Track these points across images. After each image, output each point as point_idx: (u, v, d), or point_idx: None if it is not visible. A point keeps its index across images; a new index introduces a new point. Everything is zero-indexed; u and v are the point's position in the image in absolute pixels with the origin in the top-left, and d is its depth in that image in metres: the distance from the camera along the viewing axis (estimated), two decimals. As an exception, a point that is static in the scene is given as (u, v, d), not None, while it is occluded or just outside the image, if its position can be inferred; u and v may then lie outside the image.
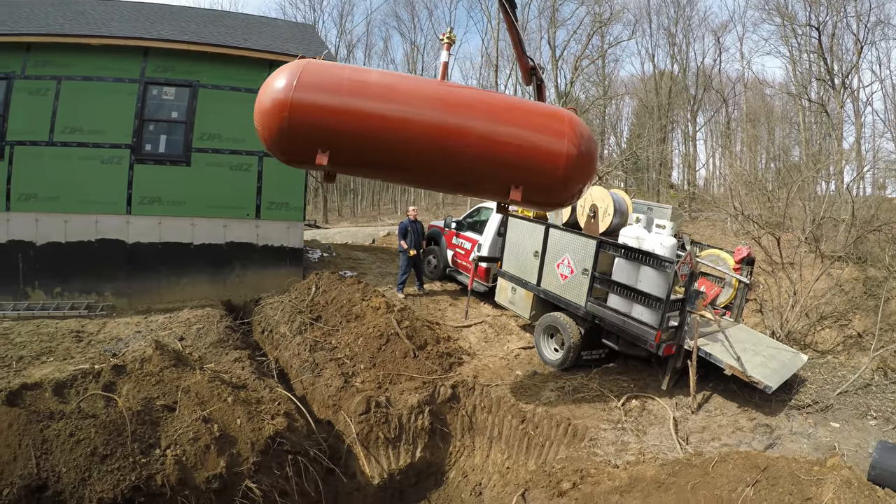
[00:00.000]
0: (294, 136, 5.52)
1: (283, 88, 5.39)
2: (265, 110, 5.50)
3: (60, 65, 12.03)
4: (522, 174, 5.84)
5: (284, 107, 5.36)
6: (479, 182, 6.22)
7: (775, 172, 26.39)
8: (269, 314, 11.17)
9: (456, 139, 5.68)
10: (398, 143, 5.63)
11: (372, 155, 5.76)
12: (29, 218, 12.12)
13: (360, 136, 5.55)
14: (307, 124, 5.45)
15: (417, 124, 5.59)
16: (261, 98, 5.57)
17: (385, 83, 5.79)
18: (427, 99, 5.74)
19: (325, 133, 5.50)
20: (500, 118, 5.84)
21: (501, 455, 8.32)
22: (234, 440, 6.72)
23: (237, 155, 12.93)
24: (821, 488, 5.05)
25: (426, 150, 5.69)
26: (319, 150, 5.51)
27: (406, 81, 6.30)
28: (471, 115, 5.76)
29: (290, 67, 5.54)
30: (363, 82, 5.65)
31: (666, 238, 8.60)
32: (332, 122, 5.47)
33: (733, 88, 34.44)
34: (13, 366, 8.92)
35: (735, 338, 8.73)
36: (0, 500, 5.27)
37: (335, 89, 5.51)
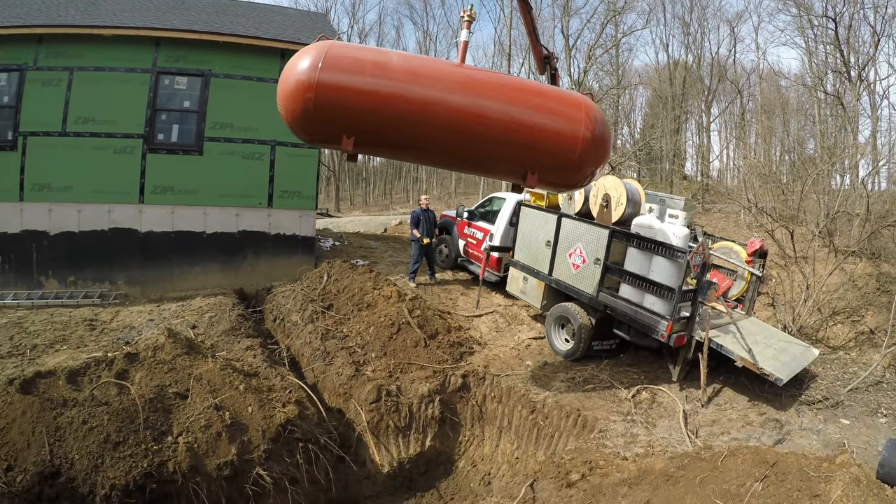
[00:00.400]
0: (319, 117, 5.54)
1: (308, 69, 5.37)
2: (290, 90, 5.48)
3: (72, 56, 12.07)
4: (539, 156, 6.00)
5: (310, 87, 5.35)
6: (496, 163, 6.34)
7: (790, 165, 26.12)
8: (281, 302, 11.22)
9: (477, 121, 5.76)
10: (421, 125, 5.71)
11: (394, 135, 5.84)
12: (42, 208, 12.22)
13: (385, 117, 5.61)
14: (333, 105, 5.47)
15: (440, 106, 5.67)
16: (285, 78, 5.55)
17: (408, 65, 5.81)
18: (449, 81, 5.82)
19: (350, 114, 5.54)
20: (520, 101, 5.92)
21: (511, 445, 8.34)
22: (245, 428, 6.77)
23: (249, 144, 12.96)
24: (829, 485, 5.01)
25: (448, 131, 5.78)
26: (345, 136, 5.60)
27: (428, 63, 6.33)
28: (491, 98, 5.84)
29: (315, 48, 5.52)
30: (387, 64, 5.66)
31: (679, 228, 8.54)
32: (356, 103, 5.50)
33: (748, 79, 34.16)
34: (27, 354, 9.01)
35: (746, 330, 8.66)
36: (15, 486, 5.33)
37: (360, 70, 5.52)
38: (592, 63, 28.94)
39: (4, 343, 9.35)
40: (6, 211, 12.11)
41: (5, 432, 5.75)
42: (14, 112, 11.97)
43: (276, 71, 12.79)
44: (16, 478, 5.43)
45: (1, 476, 5.40)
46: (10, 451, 5.62)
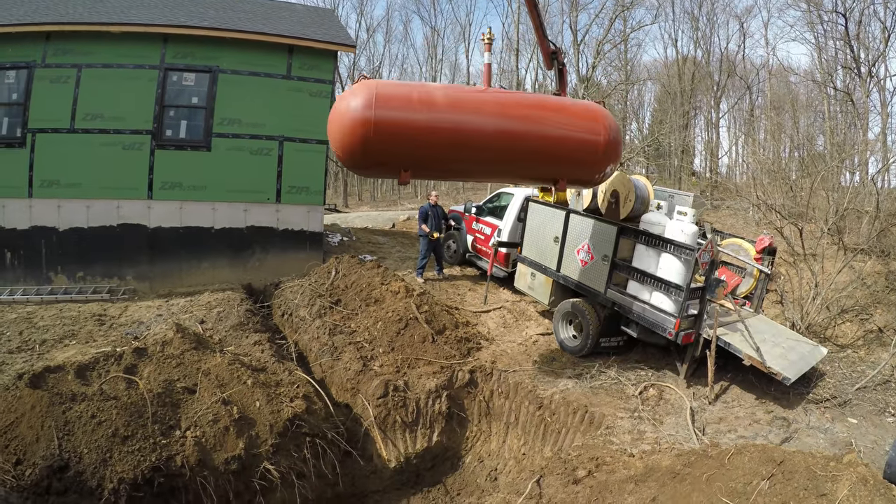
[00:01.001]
0: (376, 153, 6.05)
1: (363, 108, 5.82)
2: (346, 130, 5.90)
3: (80, 53, 12.12)
4: (569, 164, 7.15)
5: (368, 125, 5.81)
6: (533, 173, 7.43)
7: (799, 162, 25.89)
8: (289, 298, 11.25)
9: (518, 141, 6.65)
10: (468, 150, 6.48)
11: (445, 162, 6.67)
12: (51, 204, 12.29)
13: (436, 146, 6.27)
14: (388, 141, 5.98)
15: (485, 132, 6.45)
16: (340, 119, 5.97)
17: (450, 97, 6.51)
18: (490, 108, 6.60)
19: (406, 147, 6.14)
20: (552, 121, 6.94)
21: (518, 441, 8.35)
22: (252, 422, 6.82)
23: (257, 140, 12.99)
24: (836, 485, 4.99)
25: (493, 152, 6.64)
26: (402, 169, 6.26)
27: (467, 93, 7.08)
28: (529, 120, 6.77)
29: (364, 88, 5.97)
30: (431, 98, 6.27)
31: (687, 225, 8.50)
32: (411, 137, 6.08)
33: (757, 75, 33.94)
34: (36, 349, 9.07)
35: (754, 328, 8.63)
36: (24, 479, 5.38)
37: (410, 107, 6.07)
38: (601, 58, 28.85)
39: (14, 338, 9.42)
40: (15, 207, 12.19)
41: (14, 426, 5.82)
42: (23, 109, 12.04)
43: (283, 67, 12.87)
44: (25, 471, 5.49)
45: (10, 470, 5.47)
46: (20, 445, 5.69)
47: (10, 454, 5.60)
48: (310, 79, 13.17)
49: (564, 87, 8.50)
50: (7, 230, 12.22)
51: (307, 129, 13.17)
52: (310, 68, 13.17)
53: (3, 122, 12.19)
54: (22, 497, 5.27)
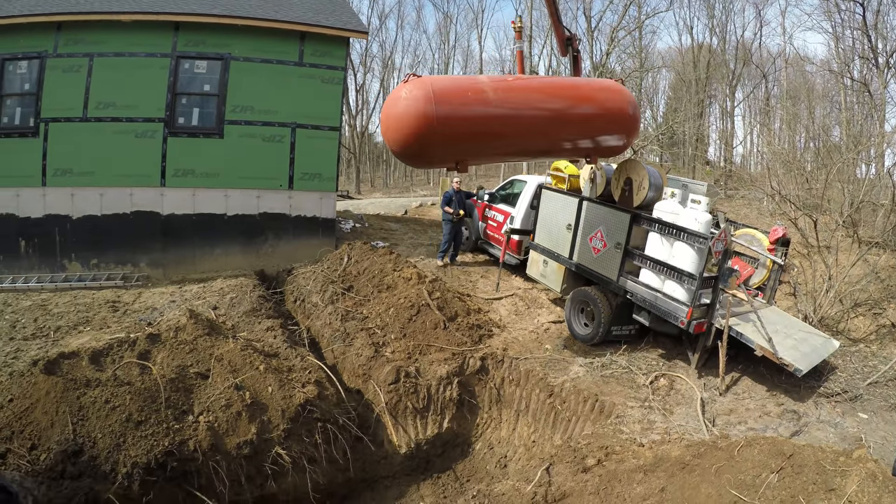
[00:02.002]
0: (440, 146, 6.34)
1: (423, 104, 5.99)
2: (408, 127, 6.08)
3: (92, 42, 12.18)
4: (604, 136, 7.97)
5: (430, 120, 5.98)
6: (571, 149, 8.13)
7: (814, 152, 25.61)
8: (302, 284, 11.30)
9: (561, 121, 7.36)
10: (518, 135, 6.98)
11: (497, 148, 7.21)
12: (65, 192, 12.40)
13: (490, 135, 6.73)
14: (450, 134, 6.23)
15: (534, 117, 7.00)
16: (399, 115, 6.12)
17: (498, 87, 6.84)
18: (535, 94, 7.22)
19: (464, 138, 6.48)
20: (589, 99, 7.76)
21: (528, 428, 8.36)
22: (265, 407, 6.86)
23: (270, 126, 13.01)
24: (845, 480, 4.97)
25: (540, 135, 7.26)
26: (459, 159, 6.57)
27: (512, 83, 7.31)
28: (569, 100, 7.50)
29: (420, 85, 6.14)
30: (482, 90, 6.59)
31: (701, 214, 8.43)
32: (468, 129, 6.43)
33: (773, 64, 33.57)
34: (51, 335, 9.17)
35: (767, 319, 8.55)
36: (38, 464, 5.45)
37: (464, 100, 6.38)
38: (615, 45, 28.46)
39: (29, 325, 9.53)
40: (29, 196, 12.32)
41: (29, 412, 5.89)
42: (35, 99, 12.16)
43: (295, 53, 12.88)
44: (40, 456, 5.55)
45: (25, 454, 5.53)
46: (34, 430, 5.76)
47: (25, 439, 5.67)
48: (322, 65, 13.17)
49: (579, 74, 8.48)
50: (21, 218, 12.37)
51: (320, 116, 13.19)
52: (322, 55, 13.16)
53: (16, 112, 12.32)
54: (37, 481, 5.32)
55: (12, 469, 5.36)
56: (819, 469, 5.19)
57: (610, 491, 6.01)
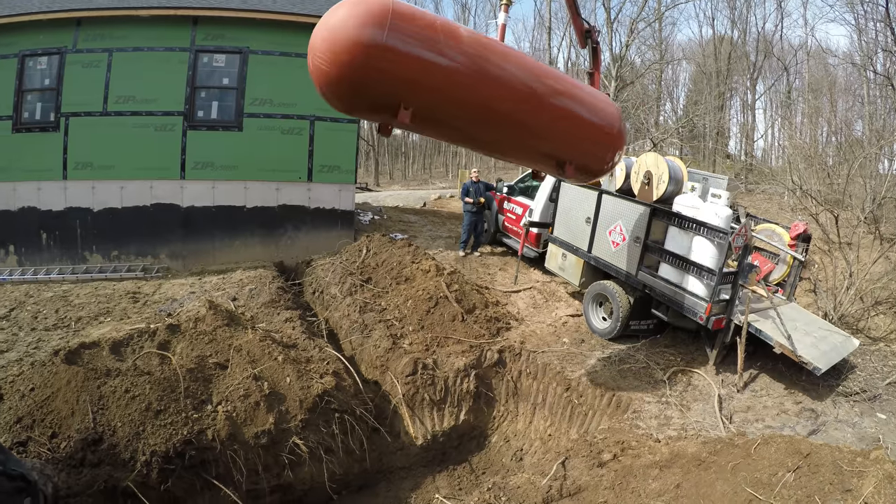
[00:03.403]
0: (377, 85, 4.73)
1: (372, 25, 4.48)
2: (343, 49, 4.51)
3: (111, 37, 12.33)
4: (585, 145, 6.45)
5: (375, 49, 4.49)
6: (542, 150, 6.35)
7: (836, 147, 25.25)
8: (320, 275, 11.36)
9: (542, 106, 5.77)
10: (485, 111, 5.39)
11: (451, 117, 5.44)
12: (86, 185, 12.59)
13: (449, 93, 5.08)
14: (396, 74, 4.69)
15: (510, 88, 5.42)
16: (334, 33, 4.58)
17: (476, 37, 5.31)
18: (515, 62, 5.59)
19: (413, 86, 4.84)
20: (575, 92, 6.25)
21: (544, 422, 8.35)
22: (283, 398, 6.90)
23: (289, 119, 13.07)
24: (862, 481, 4.90)
25: (513, 119, 5.62)
26: (402, 106, 4.86)
27: (492, 41, 5.64)
28: (556, 89, 5.92)
29: (376, 1, 4.63)
30: (456, 33, 5.05)
31: (721, 208, 8.36)
32: (422, 74, 4.83)
33: (795, 56, 33.07)
34: (72, 326, 9.32)
35: (786, 316, 8.45)
36: (59, 452, 5.52)
37: (430, 36, 4.82)
38: (635, 37, 28.14)
39: (50, 316, 9.69)
40: (50, 189, 12.53)
41: (50, 401, 5.97)
42: (56, 94, 12.35)
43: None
44: (60, 444, 5.62)
45: (46, 442, 5.60)
46: (55, 418, 5.84)
47: (45, 427, 5.76)
48: (341, 58, 13.13)
49: (598, 66, 8.37)
50: (43, 211, 12.60)
51: (338, 109, 13.17)
52: (341, 48, 13.12)
53: (36, 107, 12.54)
54: (57, 468, 5.40)
55: (33, 457, 5.46)
56: (836, 469, 5.13)
57: (625, 486, 5.99)
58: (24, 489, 3.13)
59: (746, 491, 5.20)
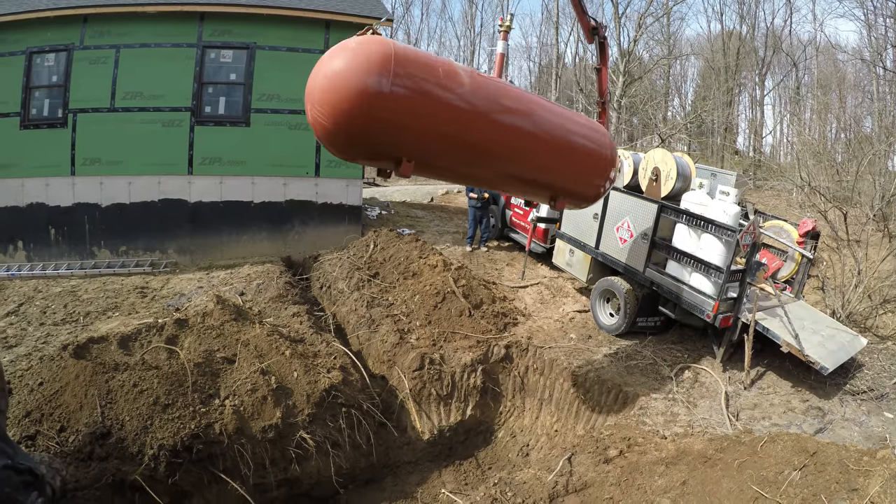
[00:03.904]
0: (379, 136, 4.63)
1: (375, 74, 4.33)
2: (344, 100, 4.34)
3: (118, 34, 12.37)
4: (580, 174, 6.63)
5: (378, 100, 4.36)
6: (539, 182, 6.41)
7: (845, 143, 25.13)
8: (328, 270, 11.40)
9: (540, 143, 5.83)
10: (485, 150, 5.37)
11: (453, 156, 5.32)
12: (94, 181, 12.65)
13: (452, 139, 5.01)
14: (399, 123, 4.57)
15: (511, 131, 5.45)
16: (334, 83, 4.39)
17: (474, 77, 5.21)
18: (514, 99, 5.62)
19: (416, 134, 4.76)
20: (570, 124, 6.33)
21: (551, 418, 8.36)
22: (290, 392, 6.92)
23: (296, 114, 13.06)
24: (868, 480, 4.88)
25: (512, 153, 5.61)
26: (405, 158, 4.79)
27: (490, 80, 5.61)
28: (552, 120, 6.01)
29: (377, 47, 4.45)
30: (456, 74, 4.95)
31: (729, 205, 8.33)
32: (426, 122, 4.74)
33: (804, 52, 32.83)
34: (81, 321, 9.37)
35: (794, 314, 8.41)
36: (67, 445, 5.55)
37: (433, 79, 4.71)
38: (643, 32, 27.98)
39: (59, 311, 9.74)
40: (59, 185, 12.61)
41: (59, 395, 6.00)
42: (63, 90, 12.42)
43: (321, 42, 12.89)
44: (68, 438, 5.65)
45: (54, 436, 5.63)
46: (64, 412, 5.87)
47: (54, 421, 5.79)
48: (349, 53, 13.13)
49: (606, 62, 8.37)
50: (51, 207, 12.68)
51: (346, 104, 13.16)
52: (348, 43, 13.12)
53: (44, 104, 12.60)
54: (65, 462, 5.42)
55: (42, 450, 5.48)
56: (842, 468, 5.12)
57: (631, 483, 5.98)
58: (32, 483, 3.15)
59: (752, 489, 5.19)
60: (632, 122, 31.64)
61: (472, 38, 48.52)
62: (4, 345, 8.33)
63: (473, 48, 48.14)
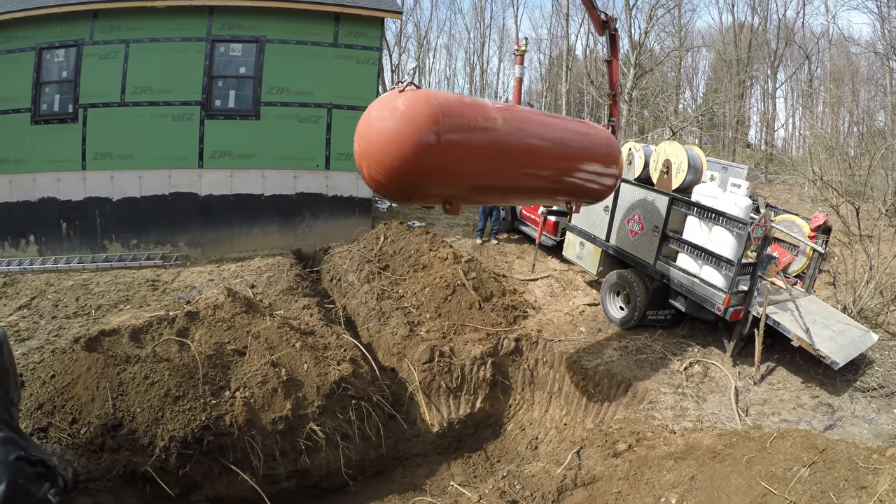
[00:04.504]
0: (434, 183, 5.12)
1: (428, 131, 4.72)
2: (401, 158, 4.73)
3: (127, 29, 12.44)
4: (596, 180, 7.32)
5: (432, 153, 4.77)
6: (563, 191, 7.20)
7: (858, 137, 24.87)
8: (338, 263, 11.42)
9: (565, 163, 6.68)
10: (519, 173, 6.02)
11: (493, 186, 5.97)
12: (105, 175, 12.75)
13: (492, 171, 5.60)
14: (450, 170, 5.06)
15: (542, 155, 6.16)
16: (390, 143, 4.74)
17: (507, 113, 5.77)
18: (540, 128, 6.27)
19: (461, 177, 5.30)
20: (587, 140, 7.07)
21: (560, 411, 8.35)
22: (300, 384, 6.95)
23: (306, 107, 13.11)
24: (877, 478, 4.82)
25: (541, 176, 6.45)
26: (454, 198, 5.40)
27: (519, 110, 6.43)
28: (573, 140, 6.78)
29: (424, 105, 4.83)
30: (490, 115, 5.46)
31: (741, 198, 8.26)
32: (474, 159, 5.27)
33: (817, 44, 32.50)
34: (92, 314, 9.45)
35: (805, 309, 8.33)
36: (79, 437, 5.61)
37: (473, 125, 5.21)
38: (654, 24, 27.69)
39: (71, 304, 9.83)
40: (70, 180, 12.73)
41: (71, 387, 6.06)
42: (73, 86, 12.52)
43: (330, 35, 12.91)
44: (80, 430, 5.72)
45: (66, 428, 5.69)
46: (75, 404, 5.93)
47: (66, 413, 5.85)
48: (357, 46, 13.18)
49: (616, 54, 8.33)
50: (62, 201, 12.80)
51: (355, 97, 13.22)
52: (357, 36, 13.17)
53: (55, 99, 12.71)
54: (77, 454, 5.48)
55: (53, 442, 5.54)
56: (851, 465, 5.06)
57: (640, 477, 5.96)
58: (44, 474, 3.19)
59: (761, 485, 5.16)
60: (643, 114, 31.42)
61: (481, 30, 48.38)
62: (17, 338, 8.41)
63: (483, 40, 48.01)
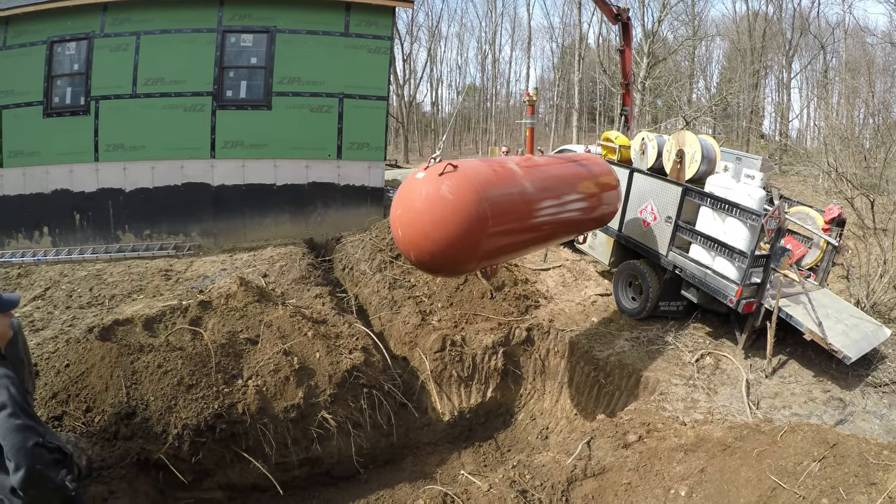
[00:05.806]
0: (481, 260, 5.50)
1: (474, 203, 4.97)
2: (455, 247, 4.97)
3: (138, 21, 12.48)
4: (603, 212, 7.96)
5: (483, 236, 5.09)
6: (575, 231, 7.97)
7: (874, 129, 24.59)
8: (350, 252, 11.46)
9: (580, 209, 7.24)
10: (545, 225, 6.48)
11: (524, 243, 6.44)
12: (117, 167, 12.82)
13: (525, 231, 6.01)
14: (493, 245, 5.37)
15: (561, 204, 6.71)
16: (443, 216, 4.92)
17: (530, 172, 6.22)
18: (556, 183, 6.69)
19: (503, 249, 5.75)
20: (596, 183, 7.61)
21: (571, 401, 8.35)
22: (312, 373, 7.01)
23: (317, 97, 13.09)
24: (887, 475, 4.76)
25: (562, 221, 6.90)
26: (494, 264, 5.97)
27: (539, 165, 6.76)
28: (583, 186, 7.30)
29: (462, 179, 5.05)
30: (516, 177, 5.84)
31: (755, 189, 8.19)
32: (510, 239, 5.72)
33: (832, 34, 32.15)
34: (106, 304, 9.52)
35: (818, 302, 8.21)
36: (93, 425, 5.69)
37: (507, 193, 5.57)
38: (667, 12, 27.41)
39: (84, 294, 9.91)
40: (83, 171, 12.82)
41: (85, 376, 6.15)
42: (85, 78, 12.59)
43: (341, 24, 12.89)
44: (94, 418, 5.80)
45: (80, 416, 5.78)
46: (90, 393, 6.01)
47: (80, 402, 5.94)
48: (368, 35, 13.14)
49: (629, 43, 8.26)
50: (76, 193, 12.91)
51: (367, 86, 13.22)
52: (368, 25, 13.12)
53: (66, 92, 12.79)
54: (91, 442, 5.57)
55: (68, 430, 5.63)
56: (861, 461, 5.01)
57: (649, 468, 5.95)
58: (62, 461, 3.23)
59: (771, 478, 5.13)
60: (656, 104, 31.25)
61: (493, 19, 48.21)
62: (32, 328, 8.49)
63: (496, 28, 47.83)
